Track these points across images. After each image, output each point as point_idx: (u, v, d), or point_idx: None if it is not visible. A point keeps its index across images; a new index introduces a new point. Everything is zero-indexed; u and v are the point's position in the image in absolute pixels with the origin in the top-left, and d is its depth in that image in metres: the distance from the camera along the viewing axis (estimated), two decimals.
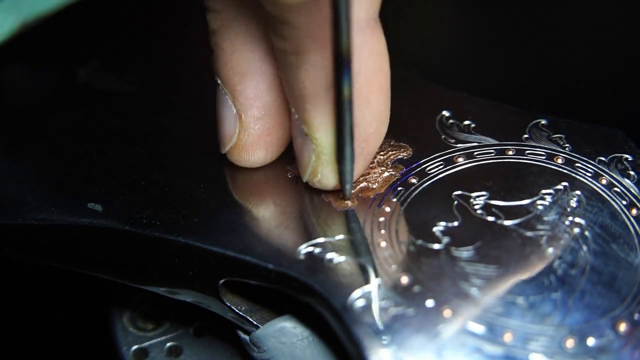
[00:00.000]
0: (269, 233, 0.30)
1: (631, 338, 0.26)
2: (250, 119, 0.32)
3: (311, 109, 0.29)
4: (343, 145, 0.29)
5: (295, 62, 0.28)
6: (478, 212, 0.30)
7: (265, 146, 0.32)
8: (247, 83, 0.31)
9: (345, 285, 0.28)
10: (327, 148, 0.30)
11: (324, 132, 0.30)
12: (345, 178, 0.30)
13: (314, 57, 0.28)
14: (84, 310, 0.41)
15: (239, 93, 0.32)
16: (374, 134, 0.31)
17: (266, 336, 0.31)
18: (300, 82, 0.29)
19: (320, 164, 0.30)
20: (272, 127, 0.32)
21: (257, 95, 0.32)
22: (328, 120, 0.29)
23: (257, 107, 0.32)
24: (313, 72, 0.28)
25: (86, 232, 0.32)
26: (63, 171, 0.35)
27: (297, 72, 0.28)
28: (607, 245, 0.29)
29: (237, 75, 0.31)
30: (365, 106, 0.30)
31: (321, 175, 0.31)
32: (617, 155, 0.32)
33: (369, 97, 0.30)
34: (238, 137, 0.32)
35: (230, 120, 0.32)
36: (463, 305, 0.27)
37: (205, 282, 0.31)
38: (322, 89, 0.28)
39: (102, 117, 0.38)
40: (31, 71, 0.42)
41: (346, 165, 0.30)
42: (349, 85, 0.27)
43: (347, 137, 0.29)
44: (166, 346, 0.38)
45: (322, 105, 0.29)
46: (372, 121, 0.30)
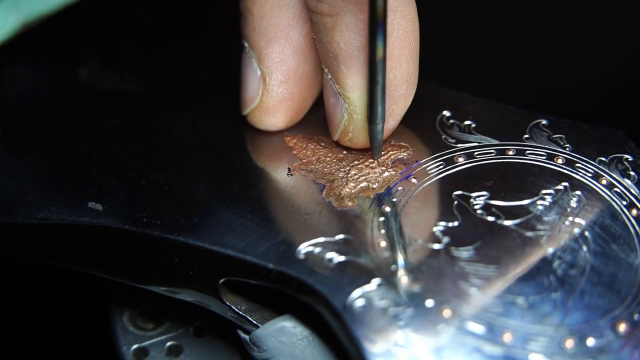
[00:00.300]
0: (268, 232, 0.30)
1: (631, 338, 0.26)
2: (275, 82, 0.33)
3: (345, 69, 0.30)
4: (375, 105, 0.30)
5: (330, 24, 0.29)
6: (478, 212, 0.30)
7: (286, 110, 0.34)
8: (273, 47, 0.32)
9: (345, 285, 0.28)
10: (359, 107, 0.31)
11: (357, 91, 0.30)
12: (376, 137, 0.31)
13: (349, 18, 0.29)
14: (84, 310, 0.41)
15: (265, 56, 0.33)
16: (404, 95, 0.32)
17: (266, 336, 0.31)
18: (335, 43, 0.30)
19: (352, 123, 0.31)
20: (294, 92, 0.33)
21: (282, 59, 0.33)
22: (361, 80, 0.30)
23: (282, 70, 0.33)
24: (347, 34, 0.29)
25: (86, 231, 0.32)
26: (63, 170, 0.35)
27: (332, 33, 0.29)
28: (607, 246, 0.29)
29: (265, 39, 0.32)
30: (396, 68, 0.31)
31: (352, 134, 0.32)
32: (617, 155, 0.32)
33: (400, 59, 0.31)
34: (260, 99, 0.33)
35: (254, 83, 0.33)
36: (463, 305, 0.27)
37: (205, 281, 0.31)
38: (356, 49, 0.29)
39: (103, 116, 0.38)
40: (32, 71, 0.42)
41: (377, 123, 0.31)
42: (382, 45, 0.28)
43: (378, 97, 0.30)
44: (166, 345, 0.38)
45: (356, 65, 0.30)
46: (402, 82, 0.31)
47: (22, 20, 0.44)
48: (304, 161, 0.34)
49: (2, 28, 0.43)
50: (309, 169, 0.33)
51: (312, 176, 0.33)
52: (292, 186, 0.32)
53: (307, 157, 0.34)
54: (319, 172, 0.33)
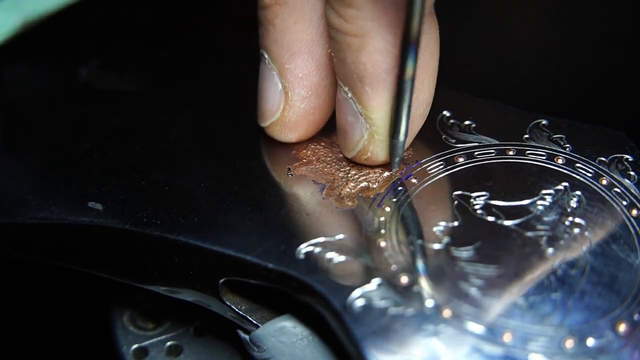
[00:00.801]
0: (269, 232, 0.30)
1: (631, 339, 0.26)
2: (297, 97, 0.32)
3: (370, 91, 0.30)
4: (400, 121, 0.30)
5: (357, 45, 0.29)
6: (478, 212, 0.30)
7: (307, 125, 0.33)
8: (296, 62, 0.32)
9: (344, 285, 0.28)
10: (382, 128, 0.31)
11: (382, 112, 0.30)
12: (397, 152, 0.31)
13: (377, 40, 0.28)
14: (84, 309, 0.41)
15: (287, 71, 0.32)
16: (422, 114, 0.32)
17: (266, 335, 0.31)
18: (361, 64, 0.29)
19: (372, 142, 0.31)
20: (316, 107, 0.33)
21: (305, 74, 0.32)
22: (387, 101, 0.30)
23: (305, 86, 0.32)
24: (375, 55, 0.29)
25: (86, 231, 0.32)
26: (63, 170, 0.35)
27: (358, 54, 0.29)
28: (607, 246, 0.29)
29: (288, 53, 0.32)
30: (419, 89, 0.31)
31: (371, 153, 0.32)
32: (617, 155, 0.32)
33: (423, 81, 0.31)
34: (282, 114, 0.33)
35: (275, 96, 0.33)
36: (463, 306, 0.27)
37: (205, 281, 0.31)
38: (384, 72, 0.29)
39: (103, 116, 0.38)
40: (32, 70, 0.42)
41: (400, 139, 0.31)
42: (413, 65, 0.28)
43: (404, 113, 0.30)
44: (166, 345, 0.38)
45: (383, 87, 0.29)
46: (423, 103, 0.31)
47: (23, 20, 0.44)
48: (304, 161, 0.34)
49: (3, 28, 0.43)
50: (309, 169, 0.33)
51: (312, 176, 0.33)
52: (292, 186, 0.32)
53: (307, 157, 0.34)
54: (319, 172, 0.33)
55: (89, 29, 0.44)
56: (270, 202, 0.32)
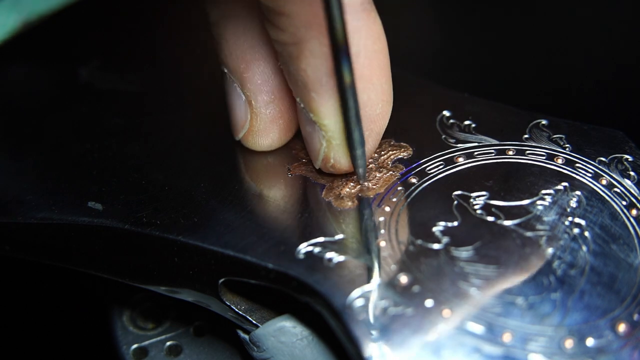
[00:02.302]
0: (268, 232, 0.30)
1: (630, 339, 0.26)
2: (261, 103, 0.32)
3: (316, 97, 0.29)
4: (351, 131, 0.29)
5: (295, 52, 0.29)
6: (478, 212, 0.30)
7: (278, 129, 0.33)
8: (253, 69, 0.32)
9: (344, 285, 0.28)
10: (337, 133, 0.30)
11: (332, 117, 0.30)
12: (357, 163, 0.31)
13: (313, 45, 0.28)
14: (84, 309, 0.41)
15: (246, 80, 0.32)
16: (380, 113, 0.31)
17: (266, 335, 0.31)
18: (302, 71, 0.29)
19: (332, 149, 0.31)
20: (283, 110, 0.33)
21: (264, 80, 0.32)
22: (334, 105, 0.29)
23: (266, 91, 0.32)
24: (313, 61, 0.28)
25: (86, 231, 0.32)
26: (64, 170, 0.35)
27: (298, 61, 0.29)
28: (607, 246, 0.29)
29: (243, 62, 0.32)
30: (369, 88, 0.30)
31: (334, 160, 0.31)
32: (617, 155, 0.32)
33: (372, 79, 0.30)
34: (250, 123, 0.33)
35: (241, 107, 0.33)
36: (462, 305, 0.27)
37: (205, 281, 0.31)
38: (325, 75, 0.29)
39: (103, 116, 0.38)
40: (32, 70, 0.42)
41: (357, 149, 0.30)
42: (349, 71, 0.27)
43: (354, 122, 0.29)
44: (166, 345, 0.38)
45: (327, 91, 0.29)
46: (377, 102, 0.31)
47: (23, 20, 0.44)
48: (304, 161, 0.33)
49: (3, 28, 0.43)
50: (309, 168, 0.33)
51: (312, 176, 0.33)
52: (292, 186, 0.32)
53: (307, 157, 0.34)
54: (319, 171, 0.33)
55: (89, 28, 0.44)
56: (270, 202, 0.32)
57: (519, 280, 0.28)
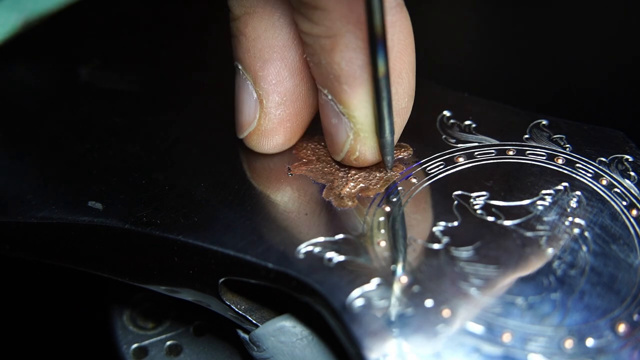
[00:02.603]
0: (268, 232, 0.30)
1: (630, 339, 0.26)
2: (272, 104, 0.32)
3: (348, 89, 0.30)
4: (383, 119, 0.30)
5: (329, 45, 0.29)
6: (478, 212, 0.30)
7: (285, 132, 0.33)
8: (269, 69, 0.32)
9: (344, 285, 0.28)
10: (366, 125, 0.31)
11: (363, 109, 0.30)
12: (387, 150, 0.31)
13: (348, 38, 0.28)
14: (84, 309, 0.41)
15: (261, 79, 0.32)
16: (405, 108, 0.32)
17: (266, 335, 0.31)
18: (336, 64, 0.29)
19: (359, 141, 0.31)
20: (292, 114, 0.33)
21: (279, 81, 0.32)
22: (366, 98, 0.30)
23: (279, 92, 0.32)
24: (348, 53, 0.29)
25: (86, 230, 0.32)
26: (64, 169, 0.35)
27: (332, 54, 0.29)
28: (607, 246, 0.29)
29: (260, 61, 0.32)
30: (398, 82, 0.30)
31: (359, 153, 0.31)
32: (617, 156, 0.32)
33: (401, 73, 0.31)
34: (258, 122, 0.33)
35: (251, 106, 0.33)
36: (462, 305, 0.27)
37: (205, 280, 0.31)
38: (359, 68, 0.29)
39: (103, 115, 0.38)
40: (33, 70, 0.42)
41: (387, 138, 0.30)
42: (384, 61, 0.28)
43: (386, 111, 0.30)
44: (166, 345, 0.38)
45: (360, 84, 0.29)
46: (404, 95, 0.31)
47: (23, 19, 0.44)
48: (304, 161, 0.33)
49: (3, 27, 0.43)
50: (309, 168, 0.33)
51: (312, 176, 0.33)
52: (292, 186, 0.32)
53: (307, 157, 0.34)
54: (319, 172, 0.33)
55: (90, 28, 0.44)
56: (270, 202, 0.32)
57: (519, 280, 0.28)
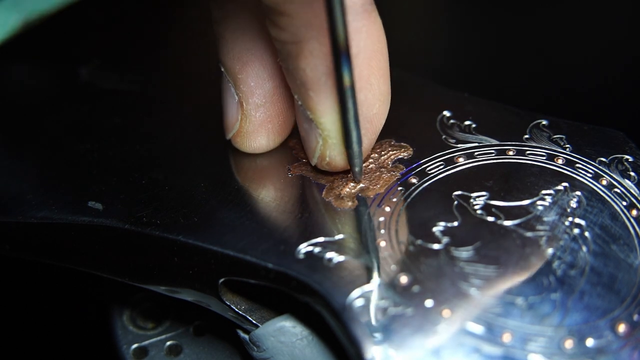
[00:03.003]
0: (268, 232, 0.30)
1: (630, 339, 0.26)
2: (252, 106, 0.33)
3: (314, 96, 0.30)
4: (349, 131, 0.30)
5: (295, 51, 0.29)
6: (478, 213, 0.30)
7: (267, 133, 0.33)
8: (248, 71, 0.32)
9: (344, 285, 0.28)
10: (333, 132, 0.30)
11: (329, 116, 0.30)
12: (354, 162, 0.31)
13: (313, 45, 0.28)
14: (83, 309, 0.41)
15: (240, 81, 0.32)
16: (377, 113, 0.31)
17: (265, 335, 0.31)
18: (301, 70, 0.29)
19: (327, 147, 0.31)
20: (273, 115, 0.33)
21: (258, 83, 0.32)
22: (332, 105, 0.30)
23: (258, 94, 0.32)
24: (313, 60, 0.29)
25: (86, 230, 0.32)
26: (64, 169, 0.35)
27: (297, 60, 0.29)
28: (607, 246, 0.29)
29: (239, 63, 0.32)
30: (366, 88, 0.30)
31: (329, 158, 0.31)
32: (617, 156, 0.32)
33: (370, 79, 0.30)
34: (240, 124, 0.33)
35: (233, 108, 0.33)
36: (462, 306, 0.27)
37: (205, 281, 0.31)
38: (324, 75, 0.29)
39: (103, 115, 0.38)
40: (33, 70, 0.42)
41: (354, 148, 0.30)
42: (348, 73, 0.27)
43: (352, 123, 0.29)
44: (166, 345, 0.38)
45: (325, 91, 0.29)
46: (374, 102, 0.31)
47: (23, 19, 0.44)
48: (304, 161, 0.33)
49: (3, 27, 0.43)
50: (309, 168, 0.33)
51: (312, 176, 0.33)
52: (292, 186, 0.32)
53: (307, 157, 0.34)
54: (319, 171, 0.33)
55: (89, 28, 0.44)
56: (270, 202, 0.32)
57: (519, 280, 0.28)
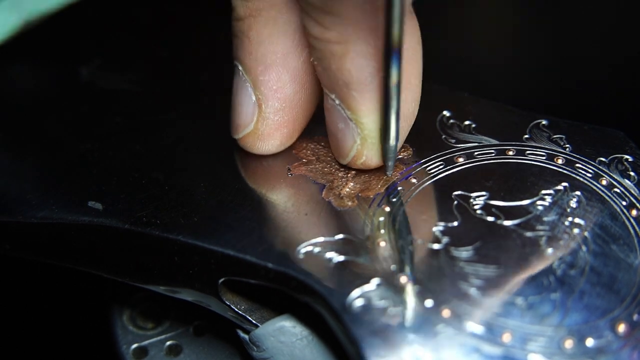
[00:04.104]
0: (268, 232, 0.30)
1: (630, 339, 0.26)
2: (271, 109, 0.32)
3: (357, 96, 0.30)
4: (389, 127, 0.30)
5: (340, 51, 0.29)
6: (478, 213, 0.30)
7: (281, 137, 0.33)
8: (270, 74, 0.32)
9: (344, 285, 0.28)
10: (373, 132, 0.31)
11: (371, 116, 0.30)
12: (389, 156, 0.31)
13: (360, 46, 0.28)
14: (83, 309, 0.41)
15: (261, 83, 0.32)
16: (412, 113, 0.32)
17: (265, 335, 0.31)
18: (346, 71, 0.29)
19: (366, 147, 0.31)
20: (290, 120, 0.33)
21: (279, 87, 0.32)
22: (375, 105, 0.30)
23: (279, 98, 0.32)
24: (359, 60, 0.29)
25: (86, 230, 0.32)
26: (64, 169, 0.35)
27: (342, 60, 0.29)
28: (607, 246, 0.29)
29: (262, 65, 0.32)
30: (407, 88, 0.30)
31: (366, 157, 0.31)
32: (617, 156, 0.32)
33: (410, 80, 0.31)
34: (255, 126, 0.33)
35: (249, 108, 0.33)
36: (462, 306, 0.27)
37: (205, 281, 0.31)
38: (370, 75, 0.29)
39: (104, 115, 0.38)
40: (33, 70, 0.42)
41: (391, 144, 0.31)
42: (397, 70, 0.28)
43: (394, 119, 0.29)
44: (166, 345, 0.38)
45: (369, 91, 0.29)
46: (411, 102, 0.31)
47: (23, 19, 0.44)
48: (304, 161, 0.34)
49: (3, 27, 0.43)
50: (309, 168, 0.33)
51: (312, 176, 0.33)
52: (292, 186, 0.32)
53: (307, 157, 0.34)
54: (319, 171, 0.33)
55: (89, 28, 0.44)
56: (270, 202, 0.32)
57: (519, 280, 0.28)
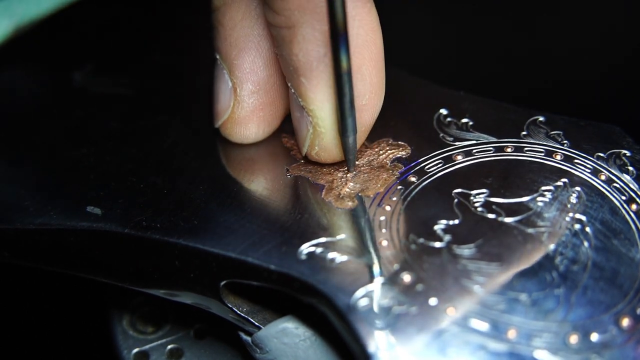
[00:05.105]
0: (269, 234, 0.30)
1: (634, 333, 0.26)
2: (245, 92, 0.33)
3: (306, 82, 0.30)
4: (344, 118, 0.29)
5: (288, 36, 0.29)
6: (478, 210, 0.30)
7: (258, 121, 0.33)
8: (244, 57, 0.32)
9: (347, 285, 0.28)
10: (323, 120, 0.30)
11: (319, 103, 0.30)
12: (348, 149, 0.31)
13: (306, 29, 0.29)
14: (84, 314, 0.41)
15: (235, 67, 0.33)
16: (367, 105, 0.31)
17: (268, 337, 0.31)
18: (294, 56, 0.29)
19: (317, 137, 0.31)
20: (266, 103, 0.33)
21: (253, 69, 0.33)
22: (323, 92, 0.30)
23: (253, 81, 0.33)
24: (305, 45, 0.29)
25: (85, 235, 0.32)
26: (61, 175, 0.34)
27: (291, 45, 0.29)
28: (608, 241, 0.29)
29: (235, 49, 0.32)
30: (357, 77, 0.30)
31: (318, 148, 0.31)
32: (615, 151, 0.32)
33: (361, 68, 0.30)
34: (232, 110, 0.33)
35: (226, 94, 0.33)
36: (466, 303, 0.27)
37: (206, 284, 0.31)
38: (316, 61, 0.29)
39: (99, 120, 0.37)
40: (26, 75, 0.42)
41: (348, 136, 0.30)
42: (346, 57, 0.27)
43: (347, 109, 0.29)
44: (167, 349, 0.38)
45: (316, 77, 0.29)
46: (364, 92, 0.31)
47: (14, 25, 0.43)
48: (303, 162, 0.33)
49: None
50: (308, 169, 0.33)
51: (311, 176, 0.33)
52: (291, 187, 0.32)
53: (306, 158, 0.33)
54: (318, 172, 0.33)
55: (83, 33, 0.44)
56: (270, 203, 0.32)
57: (522, 276, 0.28)
